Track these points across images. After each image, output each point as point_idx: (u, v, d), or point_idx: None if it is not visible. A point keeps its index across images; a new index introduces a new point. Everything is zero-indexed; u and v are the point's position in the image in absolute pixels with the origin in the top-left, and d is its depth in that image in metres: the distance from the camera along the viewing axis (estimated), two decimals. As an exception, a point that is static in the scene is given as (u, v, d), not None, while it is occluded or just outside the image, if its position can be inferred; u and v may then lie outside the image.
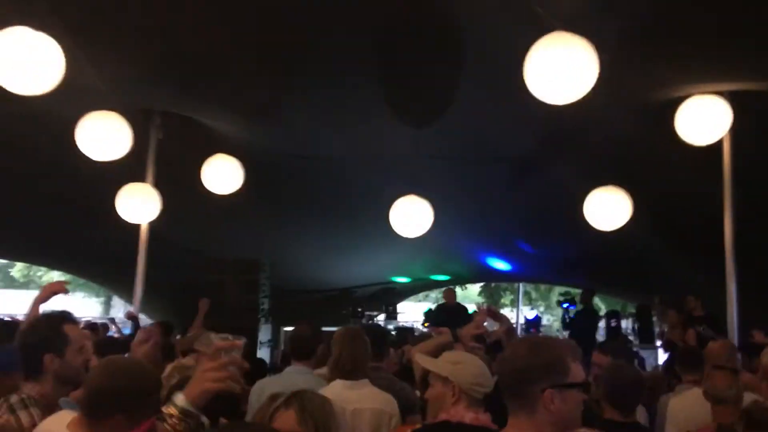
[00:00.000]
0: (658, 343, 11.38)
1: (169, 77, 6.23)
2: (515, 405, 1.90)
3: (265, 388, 3.62)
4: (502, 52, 4.96)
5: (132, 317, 7.24)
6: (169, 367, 3.53)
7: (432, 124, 6.74)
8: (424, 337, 5.15)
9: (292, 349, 4.01)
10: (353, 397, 3.26)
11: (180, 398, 1.60)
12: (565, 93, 4.12)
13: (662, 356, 10.53)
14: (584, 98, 4.29)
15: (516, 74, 4.22)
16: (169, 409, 1.63)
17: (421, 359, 2.78)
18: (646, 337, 12.00)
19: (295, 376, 3.68)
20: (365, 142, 7.59)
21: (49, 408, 2.40)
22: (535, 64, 4.03)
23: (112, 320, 10.66)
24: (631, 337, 12.67)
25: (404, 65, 5.66)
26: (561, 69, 3.97)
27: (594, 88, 4.21)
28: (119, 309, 32.41)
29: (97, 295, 32.09)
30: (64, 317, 2.67)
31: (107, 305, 33.04)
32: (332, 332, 4.28)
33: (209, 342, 4.52)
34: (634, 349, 11.26)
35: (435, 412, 2.63)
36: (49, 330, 2.59)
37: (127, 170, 6.84)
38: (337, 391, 3.27)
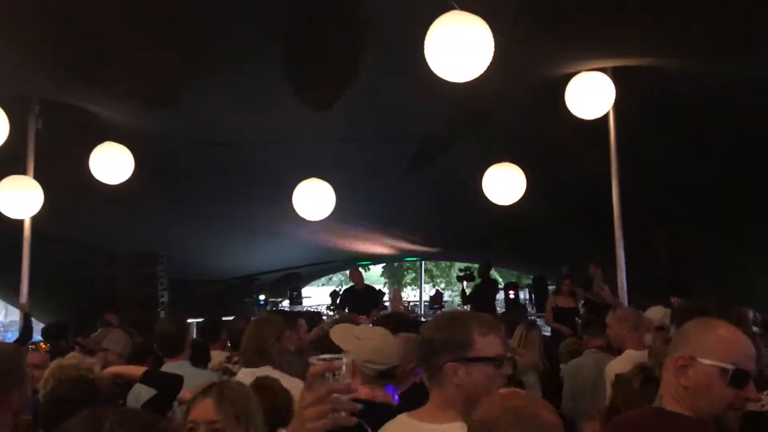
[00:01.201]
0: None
1: (46, 62, 5.82)
2: (426, 377, 1.99)
3: (141, 391, 3.46)
4: (403, 31, 4.97)
5: (24, 312, 6.75)
6: (48, 368, 3.30)
7: (333, 106, 6.68)
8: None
9: (162, 348, 3.87)
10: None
11: None
12: (464, 70, 4.19)
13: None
14: (481, 77, 4.38)
15: (416, 54, 4.25)
16: None
17: (333, 333, 2.75)
18: (542, 306, 12.57)
19: (179, 371, 3.55)
20: (265, 125, 7.43)
21: None
22: (436, 42, 4.07)
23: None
24: (528, 307, 13.24)
25: (305, 46, 5.56)
26: (460, 47, 4.03)
27: (490, 67, 4.31)
28: (-1, 311, 30.36)
29: (-26, 299, 29.82)
30: None
31: (-17, 307, 30.80)
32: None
33: (117, 340, 4.31)
34: (531, 317, 11.79)
35: None
36: None
37: (5, 162, 6.38)
38: (240, 380, 3.23)
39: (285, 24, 5.26)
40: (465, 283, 12.68)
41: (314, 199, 7.31)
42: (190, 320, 10.65)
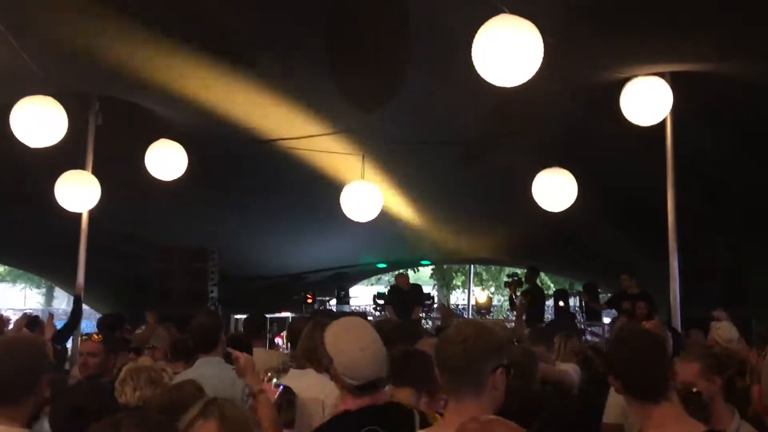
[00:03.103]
0: (606, 320, 11.66)
1: (107, 60, 6.01)
2: (464, 386, 1.93)
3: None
4: (451, 35, 4.94)
5: (77, 294, 7.01)
6: (124, 370, 3.39)
7: (381, 107, 6.69)
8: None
9: (196, 343, 3.84)
10: (301, 386, 3.26)
11: None
12: (513, 75, 4.13)
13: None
14: (532, 80, 4.31)
15: (465, 58, 4.20)
16: None
17: (326, 334, 2.56)
18: (592, 314, 12.29)
19: (210, 367, 3.59)
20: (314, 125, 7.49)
21: None
22: (483, 47, 4.02)
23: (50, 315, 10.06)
24: (578, 315, 12.95)
25: (353, 49, 5.59)
26: (508, 51, 3.97)
27: (541, 71, 4.24)
28: (62, 300, 31.50)
29: (38, 287, 31.07)
30: None
31: (49, 296, 32.06)
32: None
33: (164, 337, 4.42)
34: (581, 326, 11.54)
35: None
36: None
37: (65, 157, 6.61)
38: (288, 381, 3.27)
39: (334, 26, 5.29)
40: (514, 289, 12.47)
41: (362, 200, 7.33)
42: (238, 316, 10.87)
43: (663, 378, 2.17)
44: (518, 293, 11.81)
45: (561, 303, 12.20)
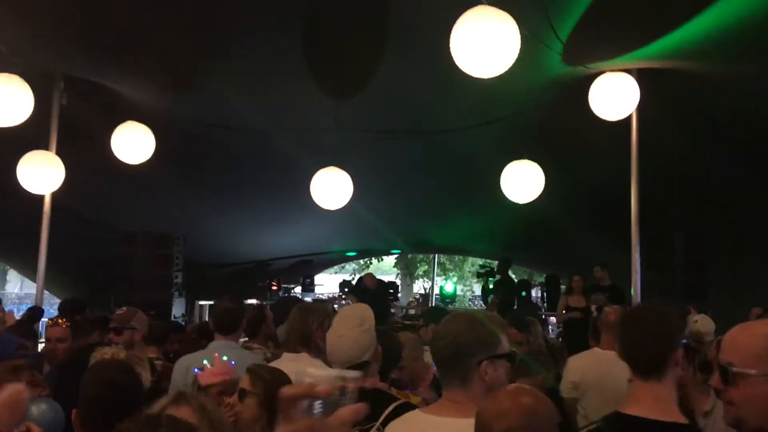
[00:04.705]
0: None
1: (73, 39, 5.87)
2: (451, 377, 2.04)
3: (191, 364, 3.54)
4: (426, 25, 4.95)
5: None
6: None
7: (353, 96, 6.68)
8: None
9: (216, 324, 3.93)
10: (291, 369, 3.28)
11: None
12: (490, 67, 4.17)
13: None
14: (504, 72, 4.35)
15: (438, 48, 4.23)
16: None
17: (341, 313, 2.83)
18: (553, 305, 12.53)
19: (222, 351, 3.60)
20: (285, 112, 7.43)
21: None
22: (461, 38, 4.04)
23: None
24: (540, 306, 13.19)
25: (328, 36, 5.56)
26: (486, 43, 4.00)
27: (514, 63, 4.28)
28: (15, 284, 30.84)
29: (-12, 270, 30.36)
30: None
31: (2, 280, 31.40)
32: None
33: (144, 320, 4.42)
34: (543, 316, 11.76)
35: None
36: None
37: (28, 137, 6.44)
38: (283, 365, 3.30)
39: (308, 12, 5.26)
40: (487, 280, 12.66)
41: (332, 187, 7.30)
42: (201, 302, 10.77)
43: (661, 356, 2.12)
44: (491, 284, 12.04)
45: (524, 293, 12.42)
